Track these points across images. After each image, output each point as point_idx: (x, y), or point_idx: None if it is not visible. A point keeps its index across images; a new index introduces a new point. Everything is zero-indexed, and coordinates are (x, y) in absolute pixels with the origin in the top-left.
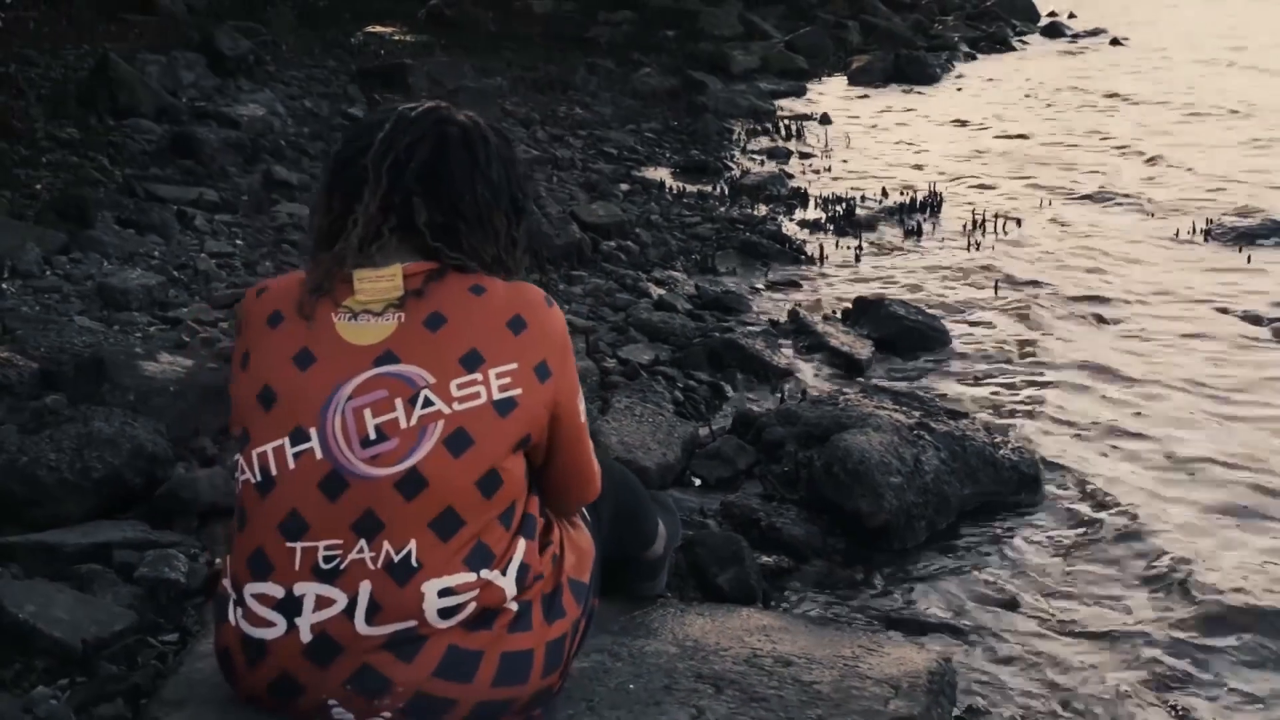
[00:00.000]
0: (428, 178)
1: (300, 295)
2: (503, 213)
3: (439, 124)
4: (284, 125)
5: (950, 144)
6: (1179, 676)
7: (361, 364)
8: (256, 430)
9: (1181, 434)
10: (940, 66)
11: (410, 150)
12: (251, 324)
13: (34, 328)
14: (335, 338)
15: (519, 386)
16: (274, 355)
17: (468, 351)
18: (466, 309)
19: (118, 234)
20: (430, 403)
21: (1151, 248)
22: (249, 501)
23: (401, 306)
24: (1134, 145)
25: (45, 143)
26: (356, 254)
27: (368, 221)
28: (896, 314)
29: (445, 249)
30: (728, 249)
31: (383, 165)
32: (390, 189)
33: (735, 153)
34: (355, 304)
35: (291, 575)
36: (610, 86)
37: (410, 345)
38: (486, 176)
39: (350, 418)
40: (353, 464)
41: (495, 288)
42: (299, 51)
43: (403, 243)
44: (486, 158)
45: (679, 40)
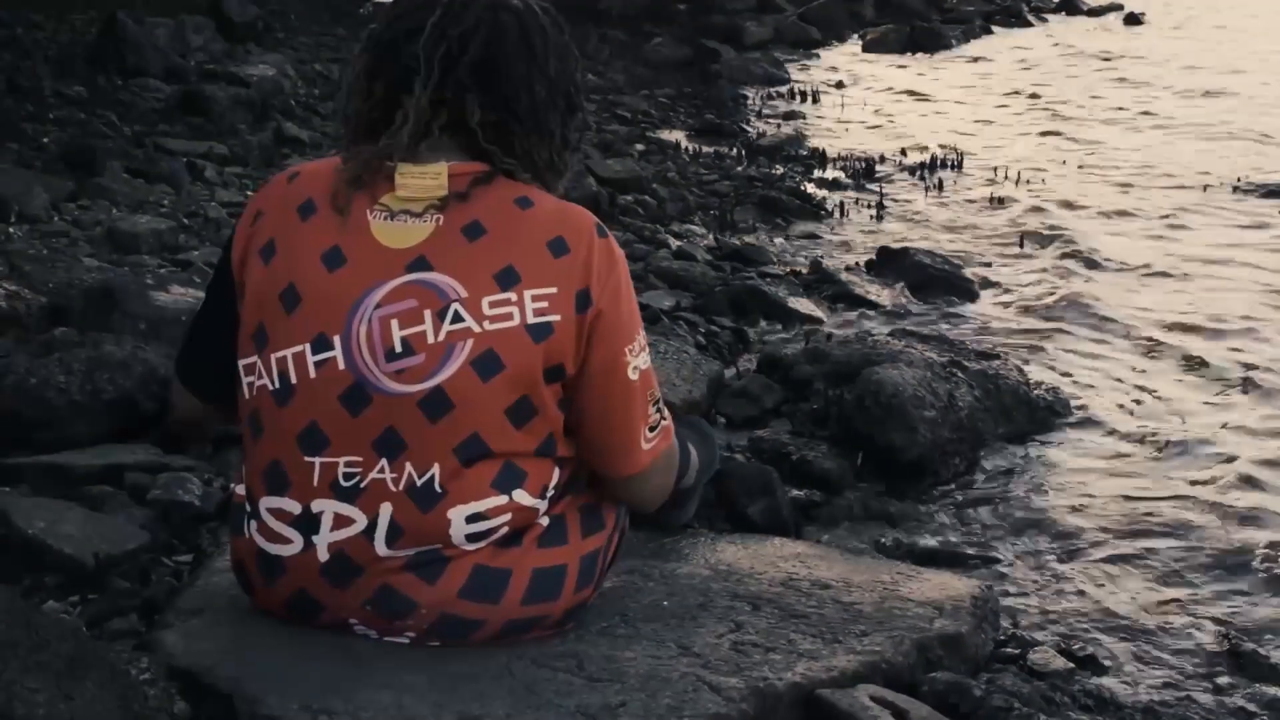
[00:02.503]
0: (482, 73)
1: (336, 185)
2: (558, 112)
3: (493, 10)
4: (294, 86)
5: (969, 109)
6: (1227, 598)
7: (393, 269)
8: (276, 332)
9: (1222, 368)
10: (956, 39)
11: (464, 40)
12: (281, 210)
13: (42, 267)
14: (369, 238)
15: (556, 313)
16: (302, 251)
17: (504, 268)
18: (508, 222)
19: (127, 182)
20: (460, 318)
21: (1180, 201)
22: (265, 409)
23: (442, 208)
24: (1154, 109)
25: (52, 100)
26: (404, 149)
27: (419, 116)
28: (922, 263)
29: (499, 153)
30: (746, 205)
31: (435, 56)
32: (442, 82)
33: (751, 116)
34: (394, 201)
35: (310, 492)
36: (622, 56)
37: (445, 252)
38: (544, 72)
39: (377, 327)
40: (377, 377)
41: (543, 203)
42: (308, 19)
43: (452, 140)
44: (544, 51)
45: (691, 13)
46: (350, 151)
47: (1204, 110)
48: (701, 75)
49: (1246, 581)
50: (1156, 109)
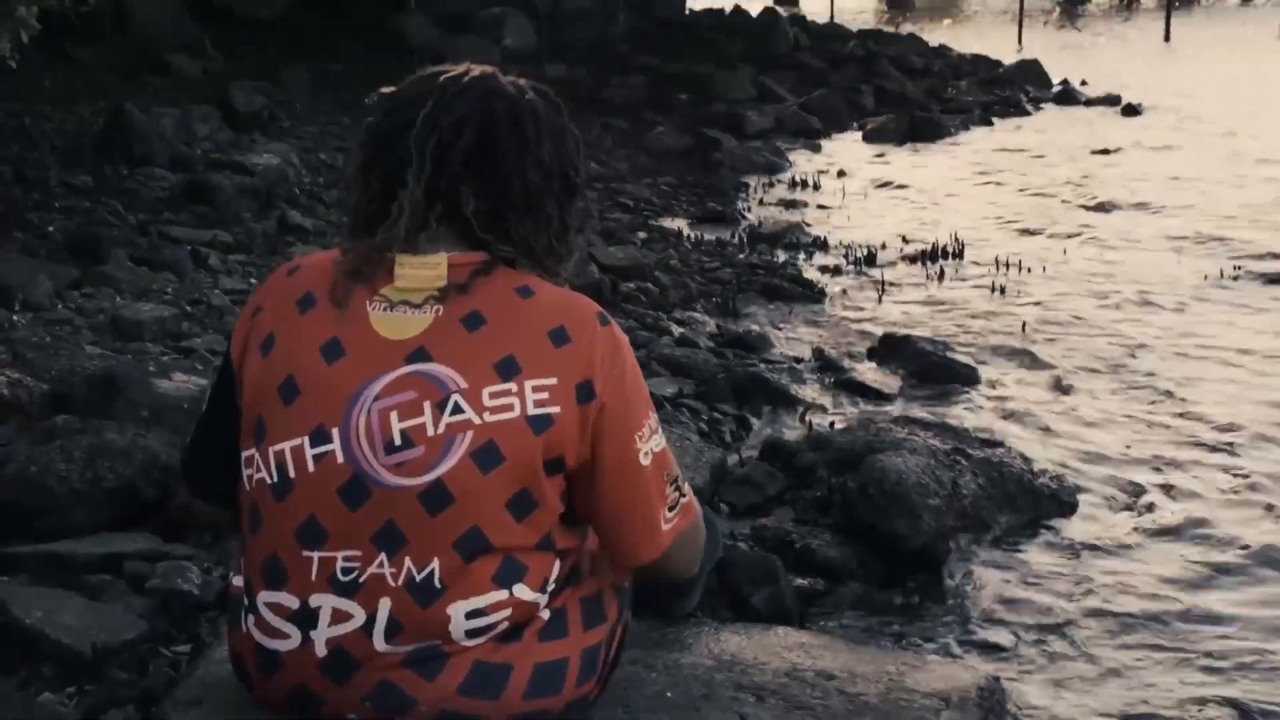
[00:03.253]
0: (475, 162)
1: (335, 277)
2: (554, 197)
3: (485, 98)
4: (298, 175)
5: (968, 198)
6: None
7: (393, 360)
8: (274, 424)
9: (1230, 455)
10: (955, 128)
11: (456, 130)
12: (280, 304)
13: (45, 354)
14: (368, 329)
15: (557, 404)
16: (301, 343)
17: (504, 357)
18: (509, 311)
19: (131, 270)
20: (460, 409)
21: (1182, 289)
22: (263, 502)
23: (442, 299)
24: (1152, 198)
25: (58, 189)
26: (401, 242)
27: (414, 209)
28: (924, 350)
29: (495, 241)
30: (748, 292)
31: (426, 147)
32: (435, 174)
33: (752, 204)
34: (394, 293)
35: (308, 586)
36: (625, 144)
37: (445, 343)
38: (537, 158)
39: (376, 419)
40: (376, 470)
41: (544, 292)
42: (313, 110)
43: (450, 230)
44: (536, 136)
45: (692, 102)
46: (349, 244)
47: (1203, 199)
48: (703, 163)
49: (1260, 672)
50: (1155, 199)
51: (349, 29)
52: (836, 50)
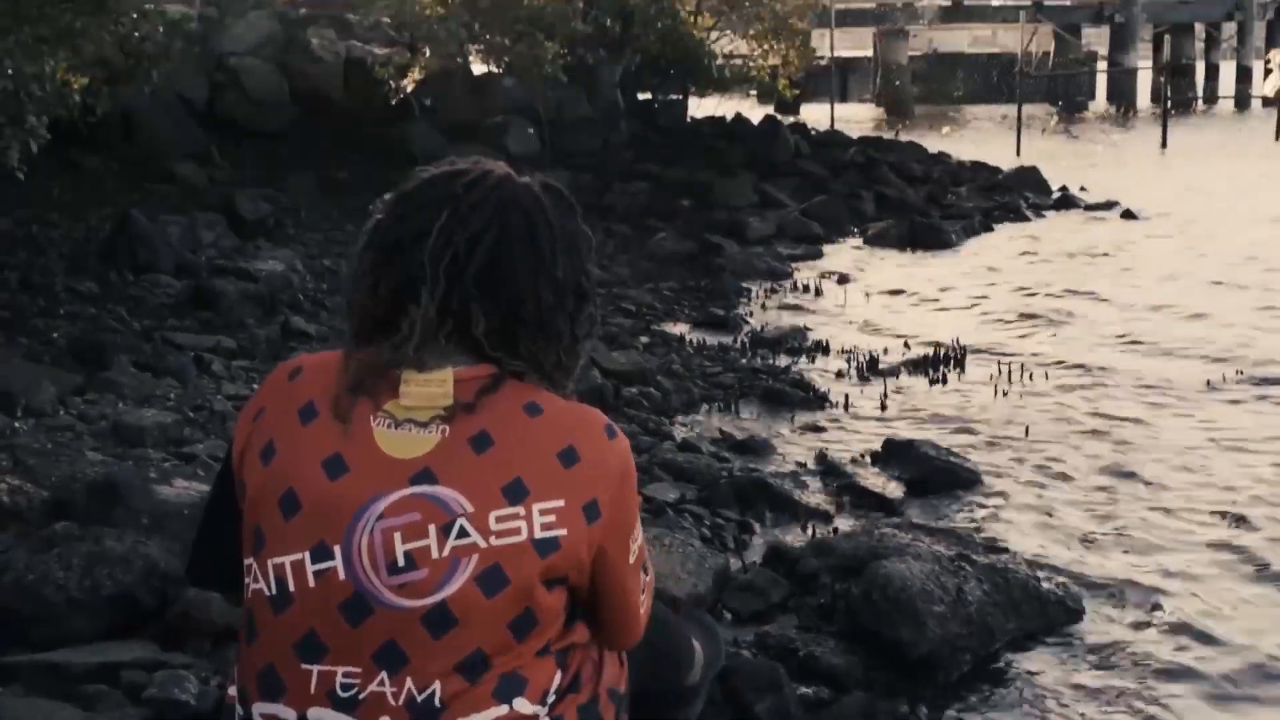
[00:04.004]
0: (488, 281)
1: (338, 391)
2: (566, 313)
3: (501, 211)
4: (302, 281)
5: (970, 303)
6: None
7: (397, 480)
8: (273, 537)
9: (1230, 560)
10: (955, 233)
11: (471, 245)
12: (282, 410)
13: (46, 460)
14: (372, 446)
15: (564, 526)
16: (303, 456)
17: (512, 481)
18: (517, 431)
19: (134, 376)
20: (465, 533)
21: (1185, 392)
22: (260, 614)
23: (449, 418)
24: (1152, 304)
25: (64, 296)
26: (410, 360)
27: (426, 328)
28: (927, 455)
29: (505, 357)
30: (751, 396)
31: (441, 264)
32: (448, 292)
33: (754, 309)
34: (399, 410)
35: (305, 699)
36: (627, 250)
37: (451, 466)
38: (550, 274)
39: (379, 539)
40: (378, 590)
41: (552, 409)
42: (318, 217)
43: (458, 345)
44: (551, 250)
45: (695, 208)
46: (353, 352)
47: (1202, 303)
48: (705, 269)
49: None
50: (1155, 303)
51: (354, 138)
52: (837, 157)
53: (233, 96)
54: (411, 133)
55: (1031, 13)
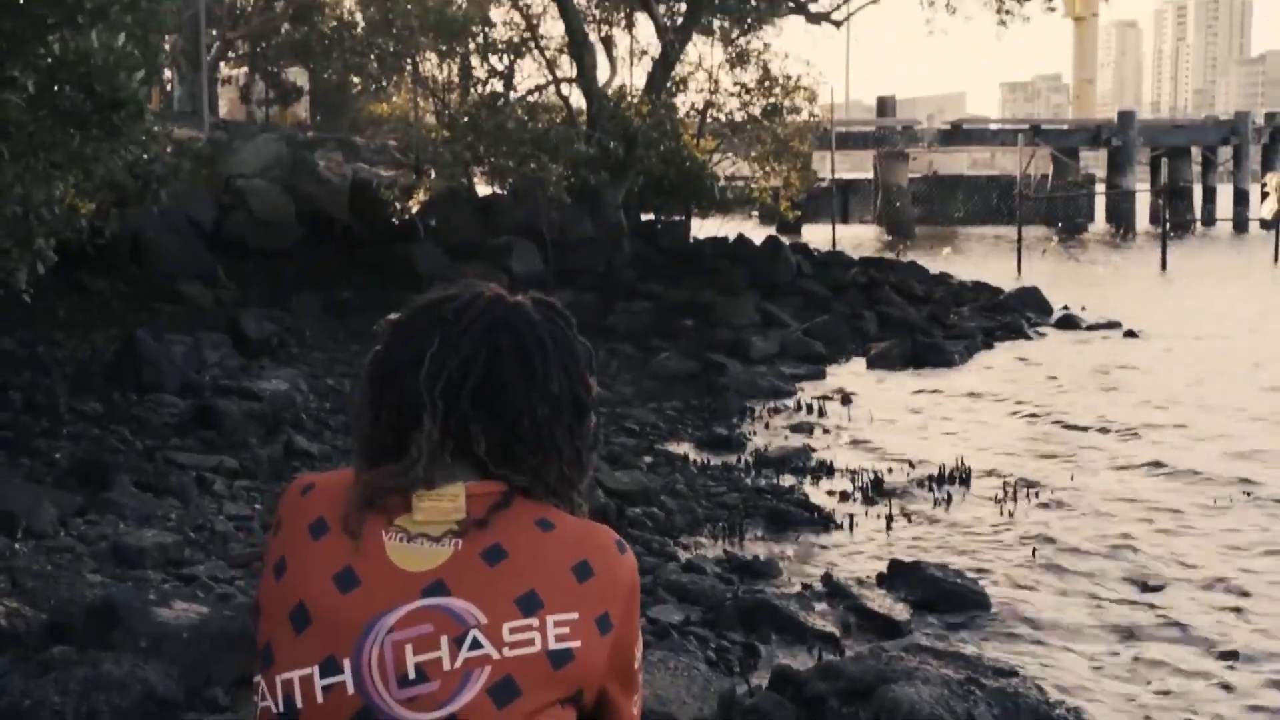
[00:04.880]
0: (483, 400)
1: (348, 508)
2: (565, 426)
3: (490, 333)
4: (306, 400)
5: (974, 422)
6: None
7: (409, 593)
8: (283, 652)
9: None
10: (958, 353)
11: (464, 369)
12: (293, 527)
13: (45, 583)
14: (384, 560)
15: (577, 638)
16: (314, 571)
17: (526, 593)
18: (530, 545)
19: (136, 496)
20: (479, 645)
21: (1189, 511)
22: None
23: (461, 533)
24: (1156, 424)
25: (68, 416)
26: (420, 482)
27: (431, 451)
28: (934, 576)
29: (510, 473)
30: (755, 517)
31: (436, 390)
32: (447, 415)
33: (758, 428)
34: (411, 525)
35: None
36: (631, 369)
37: (464, 578)
38: (545, 390)
39: (390, 652)
40: (388, 704)
41: (565, 525)
42: (322, 336)
43: (463, 462)
44: (544, 366)
45: (698, 328)
46: (363, 473)
47: (1203, 423)
48: (709, 388)
49: None
50: (1157, 422)
51: (359, 258)
52: (839, 277)
53: (240, 217)
54: (416, 253)
55: (1029, 136)
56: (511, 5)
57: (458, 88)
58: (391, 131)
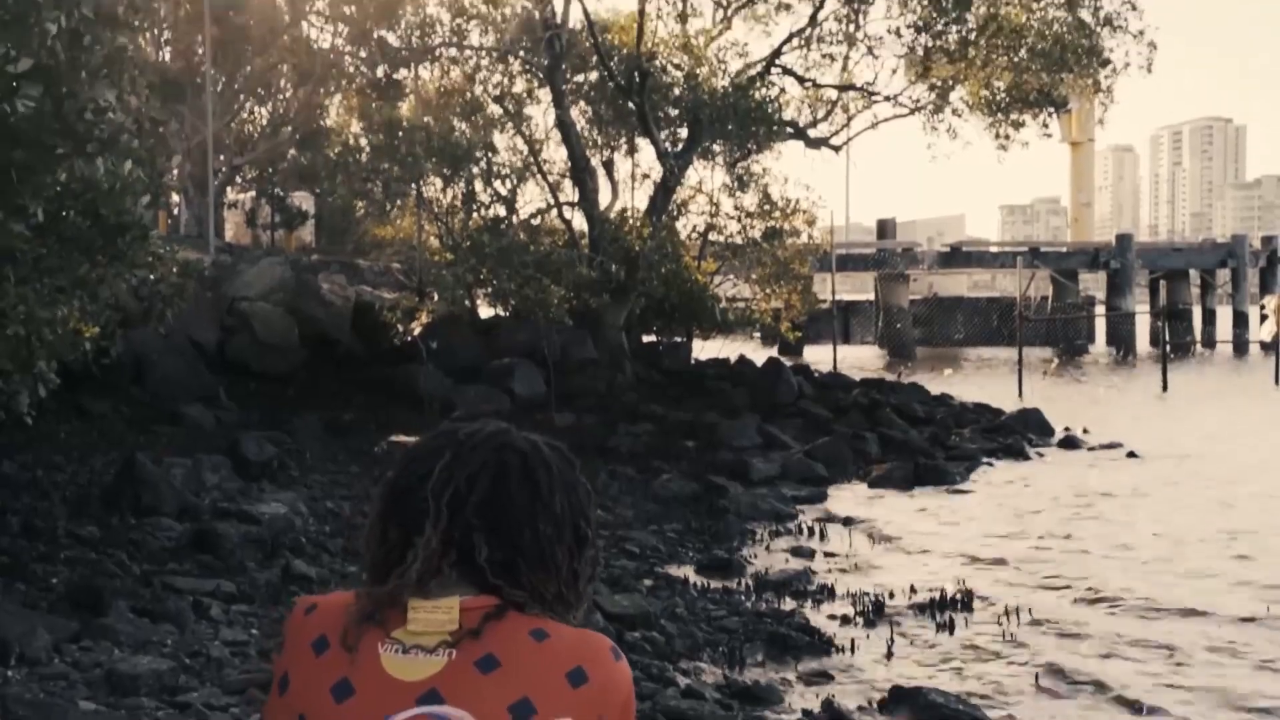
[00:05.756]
0: (488, 512)
1: (347, 623)
2: (565, 546)
3: (499, 451)
4: (305, 523)
5: (975, 545)
6: None
7: (404, 700)
8: None
9: None
10: (959, 475)
11: (471, 482)
12: (296, 645)
13: (37, 712)
14: (379, 670)
15: None
16: (313, 684)
17: (519, 699)
18: (524, 654)
19: (131, 622)
20: None
21: (1187, 637)
22: None
23: (455, 644)
24: (1159, 547)
25: (65, 540)
26: (414, 587)
27: (428, 557)
28: (935, 703)
29: (506, 586)
30: (755, 641)
31: (443, 498)
32: (451, 523)
33: (759, 551)
34: (406, 636)
35: None
36: (631, 491)
37: (458, 686)
38: (549, 509)
39: None
40: None
41: (559, 634)
42: (323, 458)
43: (462, 576)
44: (549, 488)
45: (699, 450)
46: (366, 591)
47: (1205, 549)
48: (710, 510)
49: None
50: (1159, 547)
51: (361, 380)
52: (840, 399)
53: (243, 339)
54: (417, 374)
55: (1029, 258)
56: (515, 132)
57: (461, 211)
58: (395, 254)
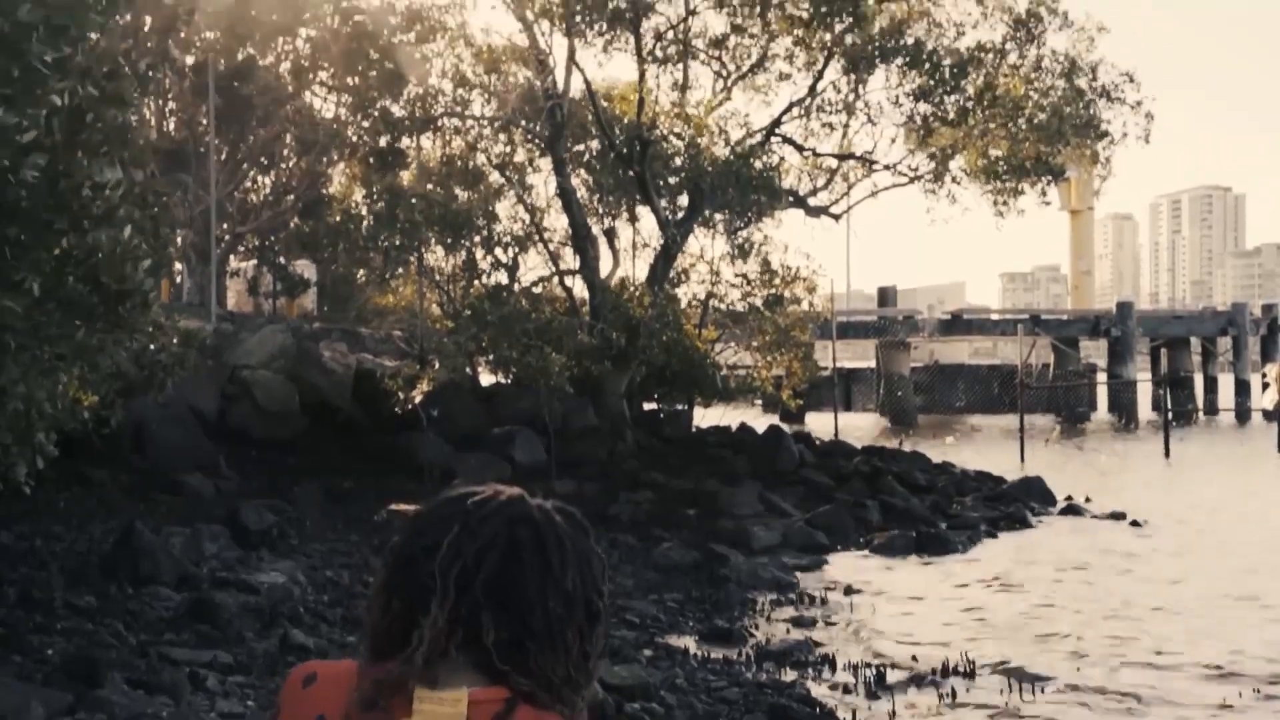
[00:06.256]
0: (497, 590)
1: (348, 709)
2: (576, 625)
3: (510, 525)
4: (304, 593)
5: (978, 614)
6: None
7: None
8: None
9: None
10: (962, 543)
11: (480, 557)
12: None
13: None
14: None
15: None
16: None
17: None
18: None
19: (126, 694)
20: None
21: (1193, 710)
22: None
23: None
24: (1163, 619)
25: (62, 610)
26: (420, 672)
27: (434, 639)
28: None
29: (514, 672)
30: (756, 713)
31: (450, 575)
32: (458, 601)
33: (760, 620)
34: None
35: None
36: (632, 560)
37: None
38: (560, 587)
39: None
40: None
41: None
42: (323, 527)
43: (469, 658)
44: (561, 563)
45: (700, 518)
46: (366, 668)
47: (1211, 618)
48: (710, 579)
49: None
50: (1167, 617)
51: (362, 448)
52: (841, 466)
53: (244, 407)
54: (418, 442)
55: (1029, 326)
56: (517, 200)
57: (463, 279)
58: (397, 322)
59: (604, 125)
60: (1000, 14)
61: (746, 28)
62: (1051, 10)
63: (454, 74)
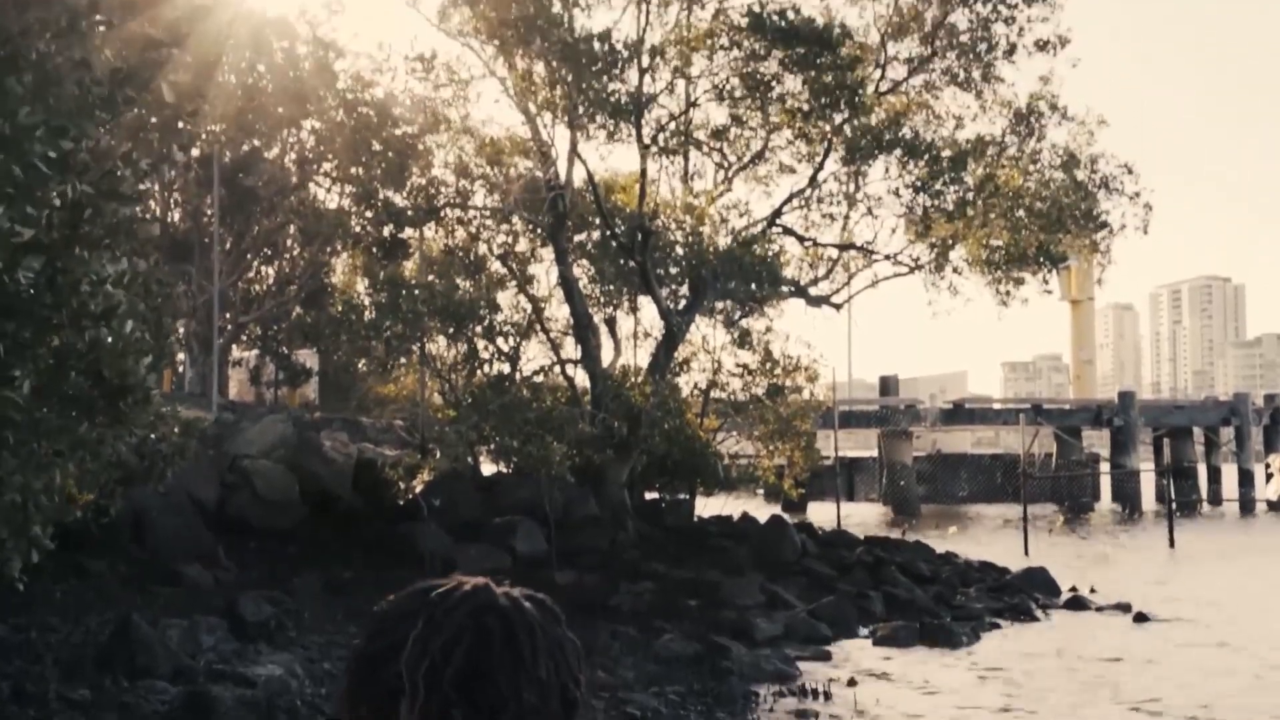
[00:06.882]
0: (467, 685)
1: None
2: (551, 717)
3: (476, 614)
4: (301, 686)
5: (981, 708)
6: None
7: None
8: None
9: None
10: (966, 635)
11: (447, 651)
12: None
13: None
14: None
15: None
16: None
17: None
18: None
19: None
20: None
21: None
22: None
23: None
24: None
25: (56, 704)
26: None
27: None
28: None
29: None
30: None
31: (418, 673)
32: (428, 700)
33: (762, 714)
34: None
35: None
36: (633, 652)
37: None
38: (533, 676)
39: None
40: None
41: None
42: (322, 617)
43: None
44: (533, 652)
45: (701, 609)
46: None
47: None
48: (712, 671)
49: None
50: (1168, 712)
51: (362, 538)
52: (844, 557)
53: (244, 497)
54: (419, 532)
55: (1031, 415)
56: (518, 290)
57: (464, 368)
58: (398, 411)
59: (606, 215)
60: (999, 108)
61: (747, 119)
62: (1052, 105)
63: (457, 165)
